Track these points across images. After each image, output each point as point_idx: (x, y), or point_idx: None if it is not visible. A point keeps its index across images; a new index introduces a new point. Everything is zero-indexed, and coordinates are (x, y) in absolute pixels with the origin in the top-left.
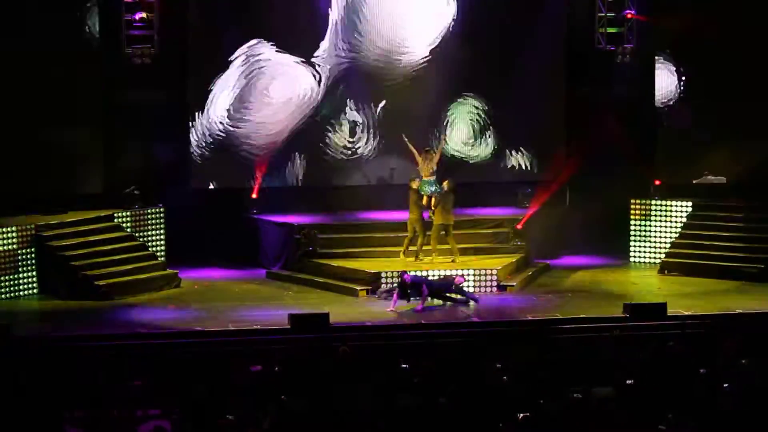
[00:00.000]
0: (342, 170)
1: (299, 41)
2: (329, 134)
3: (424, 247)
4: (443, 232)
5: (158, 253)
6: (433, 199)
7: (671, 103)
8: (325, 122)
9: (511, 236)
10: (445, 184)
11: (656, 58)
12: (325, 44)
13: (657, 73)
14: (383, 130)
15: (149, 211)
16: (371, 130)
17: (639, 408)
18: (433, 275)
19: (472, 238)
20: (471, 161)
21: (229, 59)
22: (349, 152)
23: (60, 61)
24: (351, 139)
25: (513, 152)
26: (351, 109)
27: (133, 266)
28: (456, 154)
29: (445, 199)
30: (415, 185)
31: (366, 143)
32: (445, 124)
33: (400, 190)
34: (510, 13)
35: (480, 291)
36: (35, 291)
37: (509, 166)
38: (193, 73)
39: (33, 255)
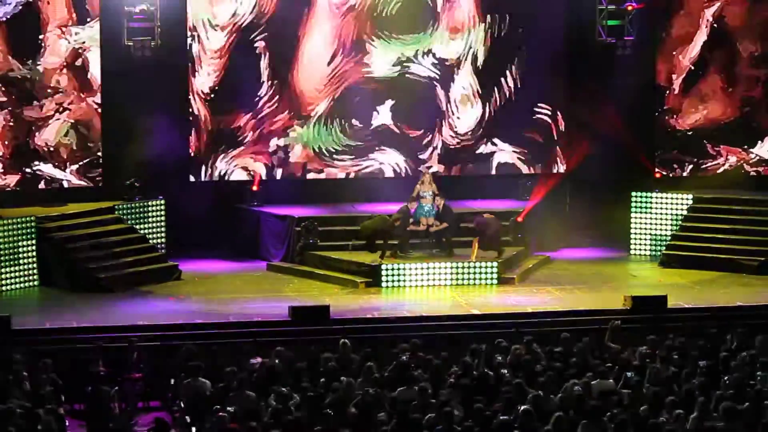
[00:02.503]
0: (341, 163)
1: None
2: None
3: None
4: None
5: (159, 246)
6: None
7: None
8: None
9: (511, 229)
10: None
11: None
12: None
13: None
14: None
15: (150, 203)
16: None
17: (639, 401)
18: None
19: (472, 231)
20: (471, 153)
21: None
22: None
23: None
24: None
25: (514, 145)
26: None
27: (133, 258)
28: (456, 145)
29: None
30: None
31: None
32: (446, 118)
33: (399, 182)
34: (510, 5)
35: (481, 283)
36: (36, 283)
37: (509, 159)
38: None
39: (34, 247)
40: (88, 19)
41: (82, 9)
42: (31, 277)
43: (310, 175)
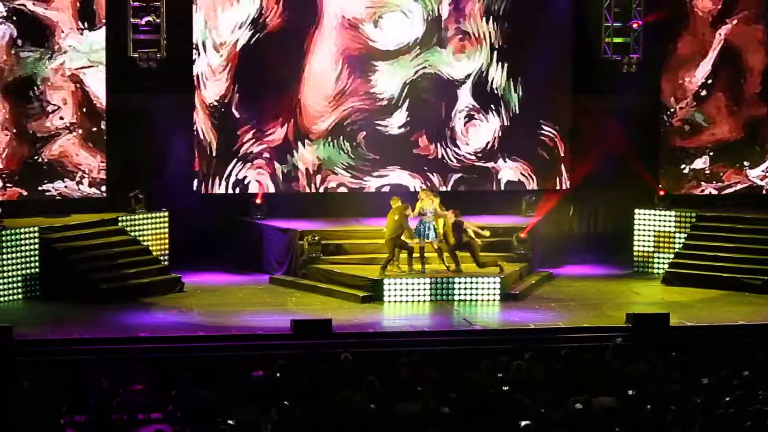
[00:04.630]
0: (346, 178)
1: None
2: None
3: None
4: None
5: (161, 258)
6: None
7: None
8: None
9: (515, 245)
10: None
11: None
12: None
13: None
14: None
15: (153, 215)
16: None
17: (640, 418)
18: None
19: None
20: (476, 170)
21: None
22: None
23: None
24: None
25: (518, 161)
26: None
27: (136, 270)
28: (461, 161)
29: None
30: (397, 203)
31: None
32: (451, 135)
33: (405, 197)
34: (516, 21)
35: (483, 299)
36: (38, 293)
37: (513, 175)
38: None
39: (36, 257)
40: (94, 31)
41: (88, 21)
42: (33, 288)
43: (314, 189)
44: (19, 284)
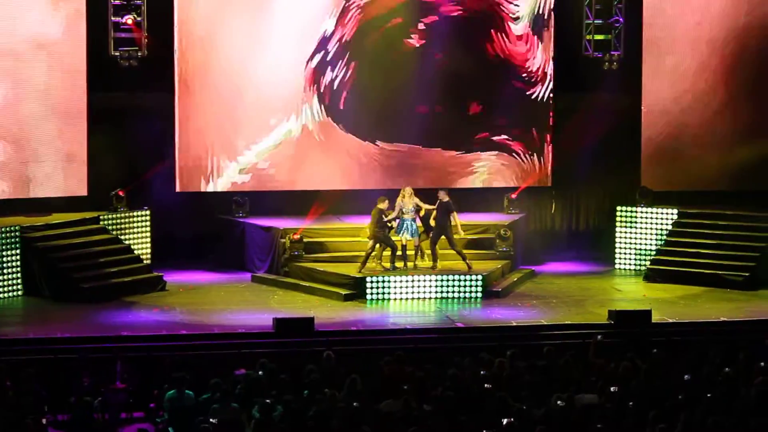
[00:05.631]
0: (330, 174)
1: None
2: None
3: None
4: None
5: (143, 256)
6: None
7: None
8: None
9: (497, 242)
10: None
11: None
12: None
13: None
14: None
15: (135, 213)
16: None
17: (622, 415)
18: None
19: (457, 243)
20: (456, 166)
21: None
22: None
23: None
24: None
25: (499, 158)
26: None
27: (118, 269)
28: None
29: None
30: (382, 205)
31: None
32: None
33: (387, 195)
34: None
35: (466, 297)
36: (20, 293)
37: (495, 172)
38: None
39: (18, 256)
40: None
41: (71, 23)
42: (15, 287)
43: (294, 187)
44: (1, 283)
